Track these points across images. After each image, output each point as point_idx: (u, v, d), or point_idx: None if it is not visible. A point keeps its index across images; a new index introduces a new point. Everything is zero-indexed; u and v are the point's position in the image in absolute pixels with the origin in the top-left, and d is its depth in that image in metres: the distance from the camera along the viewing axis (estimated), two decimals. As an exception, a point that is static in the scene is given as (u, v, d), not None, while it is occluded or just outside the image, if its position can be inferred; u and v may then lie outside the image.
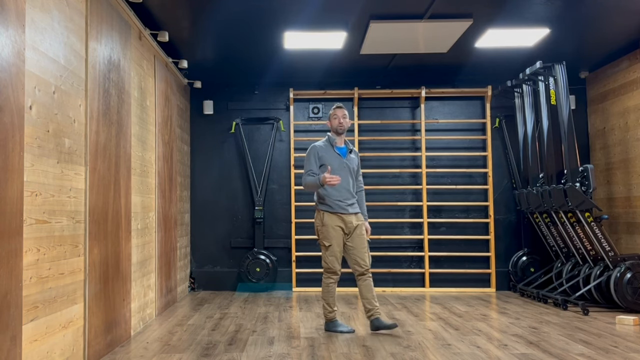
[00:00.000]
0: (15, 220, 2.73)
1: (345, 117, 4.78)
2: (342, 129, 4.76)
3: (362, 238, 4.68)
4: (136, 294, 4.82)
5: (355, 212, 4.72)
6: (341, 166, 4.71)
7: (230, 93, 7.57)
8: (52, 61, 3.20)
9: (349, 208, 4.68)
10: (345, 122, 4.77)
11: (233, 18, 5.22)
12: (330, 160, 4.70)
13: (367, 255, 4.69)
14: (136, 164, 4.87)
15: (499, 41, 5.90)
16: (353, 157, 4.82)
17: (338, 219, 4.65)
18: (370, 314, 4.67)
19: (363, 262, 4.65)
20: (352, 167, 4.76)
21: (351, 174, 4.74)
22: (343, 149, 4.80)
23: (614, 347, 4.16)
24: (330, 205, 4.66)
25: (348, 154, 4.79)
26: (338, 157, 4.74)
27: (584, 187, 5.74)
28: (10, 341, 2.69)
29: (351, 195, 4.72)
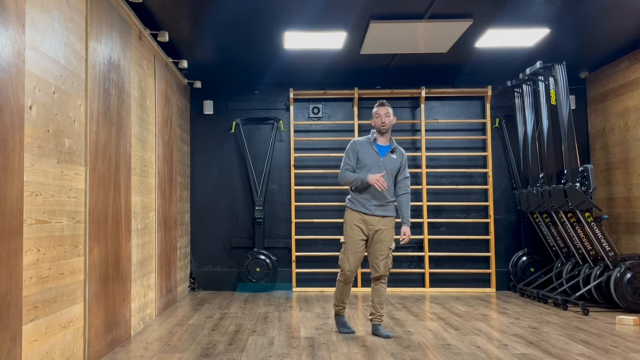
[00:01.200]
0: (15, 220, 2.73)
1: (388, 115, 4.52)
2: (384, 128, 4.52)
3: (382, 244, 4.48)
4: (136, 294, 4.82)
5: (384, 215, 4.49)
6: (376, 165, 4.48)
7: (230, 93, 7.56)
8: (52, 61, 3.20)
9: (375, 209, 4.47)
10: (388, 120, 4.51)
11: (233, 18, 5.22)
12: (366, 158, 4.50)
13: (383, 262, 4.49)
14: (136, 164, 4.86)
15: (499, 41, 5.90)
16: (394, 158, 4.54)
17: (359, 218, 4.49)
18: (371, 318, 4.62)
19: (378, 268, 4.49)
20: (390, 168, 4.50)
21: (388, 175, 4.48)
22: (384, 148, 4.55)
23: (614, 347, 4.16)
24: (354, 202, 4.52)
25: (389, 153, 4.54)
26: (375, 156, 4.51)
27: (584, 187, 5.74)
28: (10, 341, 2.69)
29: (382, 197, 4.46)
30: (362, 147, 4.57)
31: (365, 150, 4.54)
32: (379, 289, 4.56)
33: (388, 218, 4.52)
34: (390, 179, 4.53)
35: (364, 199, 4.49)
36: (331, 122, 7.58)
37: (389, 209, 4.53)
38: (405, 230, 4.58)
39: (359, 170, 4.52)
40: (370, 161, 4.50)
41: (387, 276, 4.57)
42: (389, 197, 4.52)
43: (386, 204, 4.51)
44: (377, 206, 4.48)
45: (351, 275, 4.55)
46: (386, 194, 4.48)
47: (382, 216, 4.50)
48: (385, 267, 4.51)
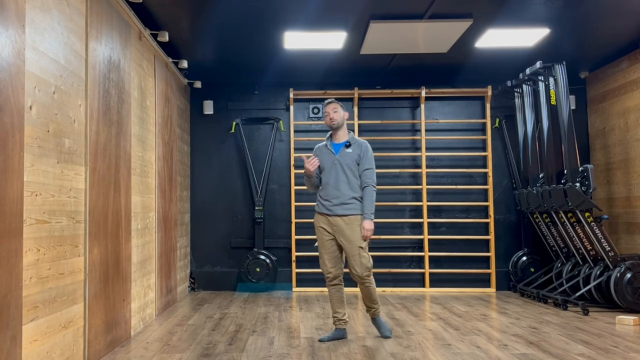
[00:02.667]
0: (15, 220, 2.73)
1: (336, 111, 4.40)
2: (333, 123, 4.40)
3: (350, 245, 4.29)
4: (136, 294, 4.82)
5: (345, 214, 4.30)
6: (332, 163, 4.38)
7: (230, 93, 7.56)
8: (52, 61, 3.20)
9: (336, 209, 4.31)
10: (336, 115, 4.39)
11: (233, 18, 5.22)
12: (322, 158, 4.43)
13: (357, 262, 4.28)
14: (136, 164, 4.87)
15: (499, 41, 5.90)
16: (349, 152, 4.37)
17: (323, 219, 4.39)
18: (369, 313, 4.54)
19: (354, 270, 4.30)
20: (346, 163, 4.34)
21: (344, 171, 4.33)
22: (338, 145, 4.44)
23: (614, 347, 4.16)
24: (317, 204, 4.44)
25: (343, 149, 4.39)
26: (330, 154, 4.42)
27: (584, 187, 5.74)
28: (10, 341, 2.69)
29: (341, 194, 4.31)
30: (320, 150, 4.50)
31: (322, 153, 4.46)
32: (365, 290, 4.38)
33: (351, 216, 4.30)
34: (350, 174, 4.34)
35: (324, 200, 4.38)
36: (331, 122, 7.57)
37: (350, 207, 4.30)
38: (364, 224, 4.27)
39: (321, 173, 4.43)
40: (326, 162, 4.41)
41: (369, 276, 4.34)
42: (349, 194, 4.31)
43: (347, 202, 4.31)
44: (336, 205, 4.32)
45: (333, 276, 4.40)
46: (345, 191, 4.31)
47: (344, 215, 4.30)
48: (362, 267, 4.29)
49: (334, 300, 4.45)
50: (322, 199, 4.40)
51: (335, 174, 4.36)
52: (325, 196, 4.38)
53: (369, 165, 4.37)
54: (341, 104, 4.51)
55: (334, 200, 4.33)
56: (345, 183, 4.33)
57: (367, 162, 4.37)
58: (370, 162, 4.38)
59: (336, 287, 4.44)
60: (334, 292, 4.44)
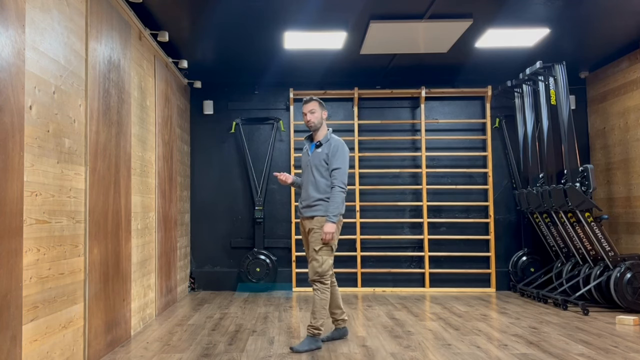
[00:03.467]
0: (15, 220, 2.73)
1: (313, 112, 4.24)
2: (310, 126, 4.27)
3: (308, 247, 4.27)
4: (136, 294, 4.82)
5: (311, 216, 4.21)
6: (305, 164, 4.30)
7: (230, 93, 7.56)
8: (52, 61, 3.20)
9: (304, 211, 4.25)
10: (313, 117, 4.24)
11: (233, 18, 5.22)
12: (302, 158, 4.39)
13: (310, 265, 4.20)
14: (136, 164, 4.87)
15: (499, 41, 5.90)
16: (318, 152, 4.23)
17: (301, 222, 4.36)
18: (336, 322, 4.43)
19: (309, 273, 4.23)
20: (314, 164, 4.21)
21: (312, 172, 4.21)
22: (314, 145, 4.32)
23: (614, 347, 4.16)
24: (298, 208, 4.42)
25: (315, 149, 4.26)
26: (306, 155, 4.33)
27: (584, 187, 5.74)
28: (10, 341, 2.69)
29: (308, 196, 4.22)
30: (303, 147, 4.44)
31: (303, 153, 4.42)
32: (313, 297, 4.21)
33: (315, 218, 4.19)
34: (317, 174, 4.20)
35: (298, 202, 4.36)
36: (331, 122, 7.57)
37: (316, 209, 4.18)
38: (324, 226, 4.09)
39: None
40: (302, 160, 4.38)
41: (318, 282, 4.15)
42: (315, 196, 4.19)
43: (312, 204, 4.20)
44: (304, 207, 4.26)
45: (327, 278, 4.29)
46: (312, 193, 4.19)
47: (310, 217, 4.23)
48: (311, 271, 4.16)
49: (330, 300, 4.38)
50: (299, 202, 4.38)
51: (307, 175, 4.27)
52: (300, 199, 4.35)
53: (337, 165, 4.16)
54: (320, 101, 4.31)
55: (302, 202, 4.28)
56: (313, 184, 4.21)
57: (335, 162, 4.17)
58: (338, 162, 4.17)
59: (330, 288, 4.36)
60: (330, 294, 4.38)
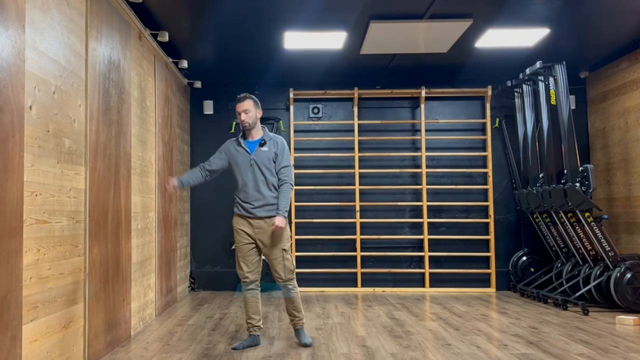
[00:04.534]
0: (15, 220, 2.73)
1: (247, 111, 4.15)
2: (245, 126, 4.19)
3: (273, 249, 4.20)
4: (136, 294, 4.82)
5: (267, 216, 4.16)
6: (246, 163, 4.19)
7: (230, 93, 7.54)
8: (52, 61, 3.20)
9: (257, 211, 4.16)
10: (247, 117, 4.16)
11: (233, 18, 5.22)
12: (236, 157, 4.23)
13: (281, 266, 4.19)
14: (136, 164, 4.87)
15: (499, 41, 5.90)
16: (264, 150, 4.18)
17: (244, 222, 4.22)
18: (292, 324, 4.35)
19: (277, 273, 4.21)
20: (262, 163, 4.16)
21: (262, 171, 4.16)
22: (253, 143, 4.23)
23: (614, 347, 4.16)
24: (237, 207, 4.26)
25: (258, 147, 4.20)
26: (244, 154, 4.21)
27: (584, 187, 5.74)
28: (10, 341, 2.69)
29: (262, 196, 4.16)
30: (232, 146, 4.28)
31: (235, 150, 4.26)
32: (289, 295, 4.25)
33: (273, 218, 4.15)
34: (267, 173, 4.18)
35: (245, 202, 4.20)
36: (331, 122, 7.58)
37: (273, 209, 4.16)
38: (276, 220, 4.10)
39: (234, 172, 4.28)
40: (240, 160, 4.22)
41: (292, 279, 4.24)
42: (270, 195, 4.17)
43: (270, 203, 4.17)
44: (258, 207, 4.17)
45: (250, 280, 4.24)
46: (266, 192, 4.16)
47: (265, 217, 4.16)
48: (286, 271, 4.20)
49: (249, 306, 4.25)
50: (242, 201, 4.22)
51: (253, 175, 4.18)
52: (245, 198, 4.20)
53: (287, 163, 4.22)
54: (254, 100, 4.24)
55: (255, 203, 4.17)
56: (264, 183, 4.18)
57: (284, 160, 4.21)
58: (287, 160, 4.23)
59: (252, 292, 4.26)
60: (250, 297, 4.25)
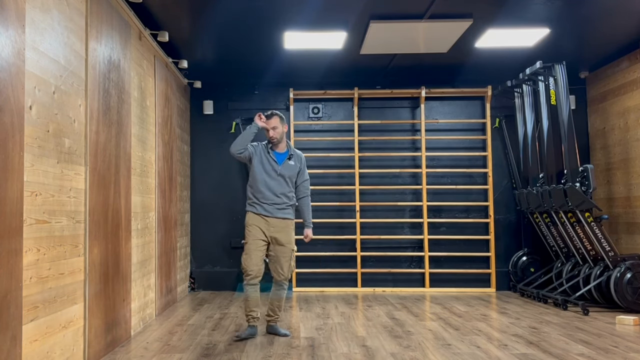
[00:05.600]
0: (15, 220, 2.73)
1: (275, 128, 4.58)
2: (274, 141, 4.62)
3: (284, 248, 4.54)
4: (136, 294, 4.82)
5: (283, 217, 4.55)
6: (273, 172, 4.56)
7: (230, 93, 7.56)
8: (52, 61, 3.20)
9: (275, 211, 4.52)
10: (275, 133, 4.59)
11: (233, 18, 5.22)
12: (264, 162, 4.58)
13: (287, 264, 4.57)
14: (136, 164, 4.86)
15: (499, 41, 5.90)
16: (291, 164, 4.63)
17: (260, 220, 4.53)
18: (268, 320, 4.68)
19: (281, 272, 4.57)
20: (289, 175, 4.59)
21: (286, 180, 4.58)
22: (281, 155, 4.64)
23: (614, 347, 4.16)
24: (254, 206, 4.56)
25: (287, 160, 4.62)
26: (273, 164, 4.58)
27: (584, 187, 5.74)
28: (10, 341, 2.69)
29: (281, 201, 4.54)
30: (259, 151, 4.63)
31: (262, 157, 4.61)
32: (280, 293, 4.63)
33: (288, 220, 4.58)
34: (289, 184, 4.61)
35: (263, 202, 4.54)
36: (331, 122, 7.58)
37: (288, 212, 4.59)
38: (307, 232, 4.72)
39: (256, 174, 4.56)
40: (267, 167, 4.57)
41: (289, 279, 4.68)
42: (287, 200, 4.58)
43: (285, 207, 4.57)
44: (276, 209, 4.54)
45: (255, 274, 4.48)
46: (285, 199, 4.56)
47: (282, 218, 4.55)
48: (289, 270, 4.61)
49: (251, 300, 4.51)
50: (260, 201, 4.54)
51: (277, 183, 4.56)
52: (263, 199, 4.54)
53: (307, 177, 4.75)
54: (281, 116, 4.66)
55: (276, 205, 4.55)
56: (286, 191, 4.59)
57: (305, 174, 4.73)
58: (307, 174, 4.76)
59: (254, 287, 4.52)
60: (252, 291, 4.51)
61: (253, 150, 4.63)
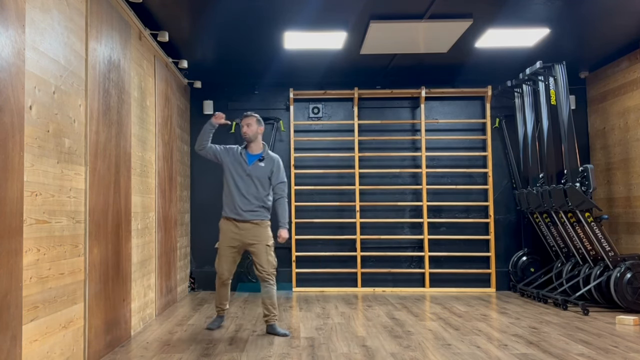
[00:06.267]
0: (15, 220, 2.73)
1: (249, 125, 4.73)
2: (245, 137, 4.75)
3: (259, 245, 4.66)
4: (136, 294, 4.82)
5: (254, 219, 4.66)
6: (242, 173, 4.69)
7: (230, 93, 7.56)
8: (52, 61, 3.20)
9: (246, 214, 4.65)
10: (248, 130, 4.73)
11: (233, 18, 5.22)
12: (234, 163, 4.71)
13: (265, 259, 4.67)
14: (136, 164, 4.87)
15: (499, 41, 5.90)
16: (261, 166, 4.70)
17: (231, 224, 4.68)
18: (266, 319, 4.74)
19: (261, 267, 4.68)
20: (257, 176, 4.67)
21: (254, 182, 4.66)
22: (253, 156, 4.75)
23: (614, 347, 4.16)
24: (226, 210, 4.71)
25: (257, 162, 4.72)
26: (243, 164, 4.70)
27: (584, 187, 5.74)
28: (10, 341, 2.69)
29: (250, 203, 4.65)
30: (232, 153, 4.76)
31: (234, 158, 4.73)
32: (269, 290, 4.71)
33: (259, 221, 4.70)
34: (259, 186, 4.69)
35: (233, 206, 4.66)
36: (331, 122, 7.58)
37: (258, 214, 4.69)
38: (281, 232, 4.74)
39: (227, 176, 4.72)
40: (237, 168, 4.70)
41: (274, 275, 4.73)
42: (258, 202, 4.68)
43: (257, 209, 4.68)
44: (247, 212, 4.65)
45: (226, 277, 4.78)
46: (254, 201, 4.66)
47: (252, 221, 4.66)
48: (269, 264, 4.69)
49: (222, 295, 4.89)
50: (231, 205, 4.68)
51: (245, 184, 4.67)
52: (234, 203, 4.67)
53: (283, 179, 4.81)
54: (258, 118, 4.80)
55: (243, 207, 4.65)
56: (255, 193, 4.68)
57: (280, 176, 4.79)
58: (283, 176, 4.81)
59: (226, 286, 4.87)
60: (223, 290, 4.87)
61: (225, 152, 4.77)
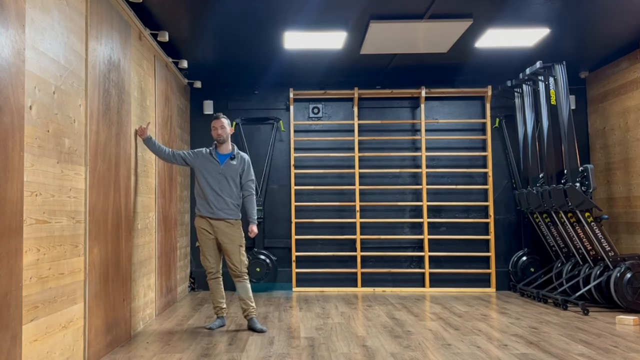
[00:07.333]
0: (15, 220, 2.73)
1: (223, 127, 4.90)
2: (220, 139, 4.90)
3: (232, 244, 4.82)
4: (136, 294, 4.82)
5: (227, 217, 4.82)
6: (215, 172, 4.85)
7: (230, 93, 7.56)
8: (52, 61, 3.20)
9: (219, 213, 4.81)
10: (222, 132, 4.90)
11: (233, 18, 5.22)
12: (205, 164, 4.87)
13: (237, 259, 4.83)
14: (136, 164, 4.86)
15: (499, 41, 5.90)
16: (233, 164, 4.89)
17: (205, 222, 4.86)
18: (245, 315, 4.89)
19: (234, 266, 4.84)
20: (230, 175, 4.86)
21: (227, 180, 4.84)
22: (224, 156, 4.92)
23: (614, 347, 4.16)
24: (200, 209, 4.88)
25: (228, 160, 4.89)
26: (215, 164, 4.87)
27: (584, 187, 5.74)
28: (10, 341, 2.69)
29: (223, 201, 4.82)
30: (202, 155, 4.93)
31: (205, 159, 4.91)
32: (243, 285, 4.88)
33: (231, 219, 4.85)
34: (232, 183, 4.87)
35: (207, 205, 4.84)
36: (331, 122, 7.58)
37: (232, 212, 4.85)
38: (252, 227, 4.91)
39: (199, 177, 4.88)
40: (209, 168, 4.86)
41: (246, 273, 4.91)
42: (230, 200, 4.85)
43: (229, 208, 4.85)
44: (220, 210, 4.82)
45: (215, 270, 4.97)
46: (227, 199, 4.84)
47: (225, 219, 4.83)
48: (242, 264, 4.86)
49: (216, 292, 5.00)
50: (206, 204, 4.85)
51: (218, 183, 4.84)
52: (207, 201, 4.85)
53: (252, 177, 5.01)
54: (227, 119, 5.01)
55: (217, 205, 4.84)
56: (227, 191, 4.87)
57: (250, 175, 4.99)
58: (252, 174, 5.01)
59: (217, 280, 5.00)
60: (215, 284, 5.00)
61: (194, 156, 4.96)
